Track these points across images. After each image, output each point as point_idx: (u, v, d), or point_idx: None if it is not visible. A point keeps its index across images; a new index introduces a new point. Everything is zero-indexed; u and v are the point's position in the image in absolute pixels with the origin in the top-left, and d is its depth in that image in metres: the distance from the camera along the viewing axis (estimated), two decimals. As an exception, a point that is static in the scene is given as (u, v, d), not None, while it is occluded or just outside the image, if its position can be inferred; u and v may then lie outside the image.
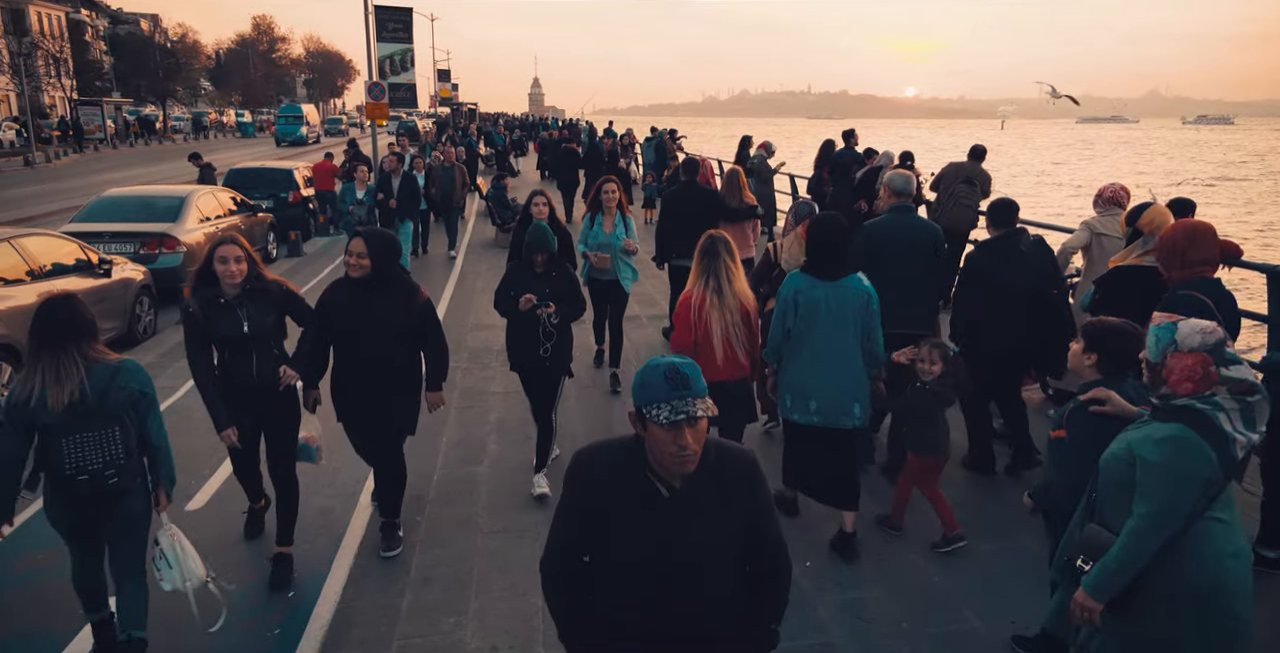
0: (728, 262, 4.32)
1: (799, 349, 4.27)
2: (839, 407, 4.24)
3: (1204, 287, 3.64)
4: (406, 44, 22.65)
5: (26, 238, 7.61)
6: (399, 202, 11.24)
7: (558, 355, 5.16)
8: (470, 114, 46.48)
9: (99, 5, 77.12)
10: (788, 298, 4.27)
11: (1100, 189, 5.85)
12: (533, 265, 5.11)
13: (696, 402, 1.94)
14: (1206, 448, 2.36)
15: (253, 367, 4.10)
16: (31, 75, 43.61)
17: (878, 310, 4.26)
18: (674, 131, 21.13)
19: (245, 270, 4.01)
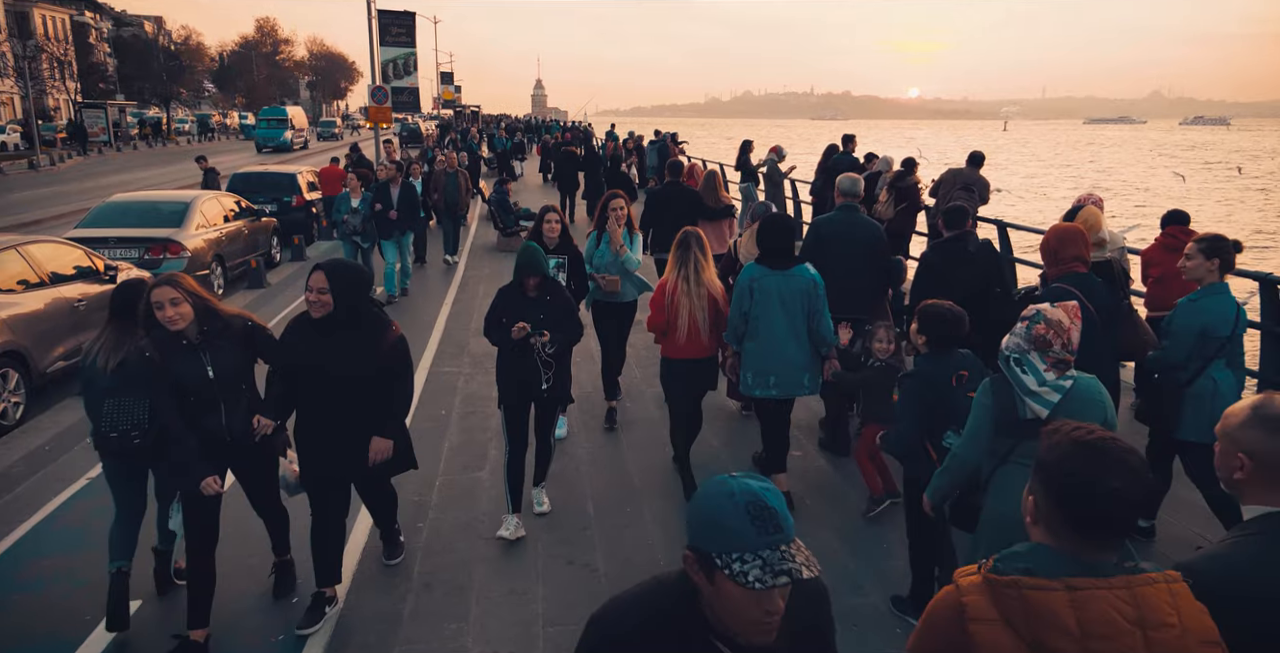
0: (698, 255, 4.94)
1: (756, 332, 4.77)
2: (793, 378, 4.82)
3: (1074, 280, 4.12)
4: (409, 48, 22.73)
5: (33, 245, 7.68)
6: (399, 212, 10.84)
7: (558, 386, 4.75)
8: (473, 117, 46.50)
9: (103, 8, 77.38)
10: (744, 286, 4.76)
11: (1083, 199, 5.86)
12: (524, 289, 4.64)
13: (794, 551, 1.40)
14: (1003, 393, 2.91)
15: (221, 416, 3.70)
16: (36, 78, 43.73)
17: (824, 295, 4.78)
18: (675, 135, 21.24)
19: (188, 313, 3.54)
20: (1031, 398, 2.82)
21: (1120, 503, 1.49)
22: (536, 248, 4.67)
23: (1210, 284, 4.14)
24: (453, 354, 8.40)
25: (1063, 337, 2.82)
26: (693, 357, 5.02)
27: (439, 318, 9.88)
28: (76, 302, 7.71)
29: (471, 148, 23.21)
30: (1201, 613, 1.49)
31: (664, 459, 5.76)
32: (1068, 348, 2.83)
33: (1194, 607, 1.49)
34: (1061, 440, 1.58)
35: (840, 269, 5.34)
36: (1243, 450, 1.77)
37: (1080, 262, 4.21)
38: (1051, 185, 45.15)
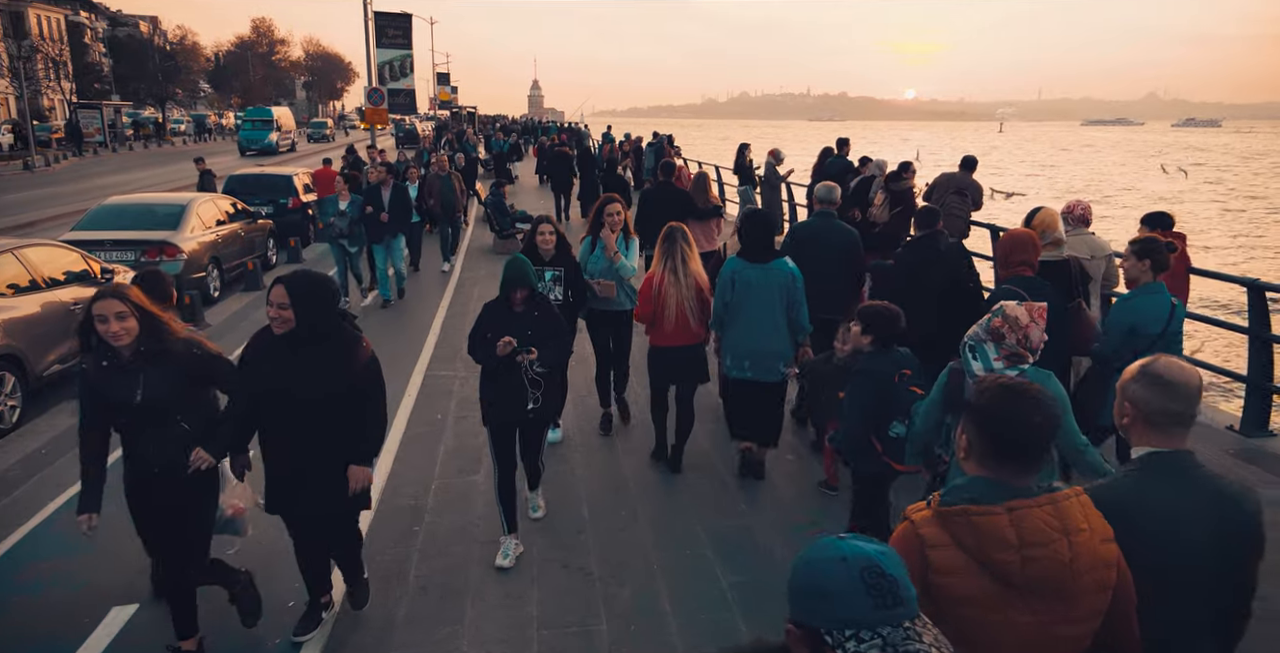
0: (684, 247, 5.32)
1: (736, 319, 5.12)
2: (767, 364, 5.14)
3: (1019, 282, 4.42)
4: (406, 50, 22.75)
5: (29, 248, 7.70)
6: (390, 215, 10.58)
7: (546, 406, 4.53)
8: (470, 117, 46.47)
9: (98, 7, 77.20)
10: (726, 278, 5.11)
11: (1070, 206, 5.88)
12: (511, 303, 4.44)
13: (920, 628, 1.22)
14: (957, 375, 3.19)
15: (148, 444, 3.43)
16: (31, 79, 43.64)
17: (802, 288, 5.11)
18: (670, 138, 21.31)
19: (133, 329, 3.29)
20: (972, 379, 3.06)
21: (1039, 434, 1.84)
22: (524, 260, 4.48)
23: (1144, 284, 4.37)
24: (448, 358, 8.43)
25: (1018, 333, 3.04)
26: (682, 344, 5.38)
27: (434, 321, 9.91)
28: (72, 305, 7.72)
29: (468, 150, 23.21)
30: (1100, 518, 1.86)
31: (659, 463, 5.80)
32: (1024, 344, 3.04)
33: (1096, 514, 1.86)
34: (990, 386, 1.91)
35: (816, 272, 5.57)
36: (1128, 400, 2.13)
37: (1027, 265, 4.50)
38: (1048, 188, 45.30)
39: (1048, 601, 1.78)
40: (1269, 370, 6.06)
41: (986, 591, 1.78)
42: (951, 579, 1.79)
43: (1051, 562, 1.76)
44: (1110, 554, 1.84)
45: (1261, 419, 6.07)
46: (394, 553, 4.67)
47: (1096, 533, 1.83)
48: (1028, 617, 1.78)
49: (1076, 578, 1.78)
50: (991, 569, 1.76)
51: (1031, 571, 1.76)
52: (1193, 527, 1.99)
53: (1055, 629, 1.79)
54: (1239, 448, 5.92)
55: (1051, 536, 1.76)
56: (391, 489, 5.47)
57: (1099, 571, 1.81)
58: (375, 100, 20.75)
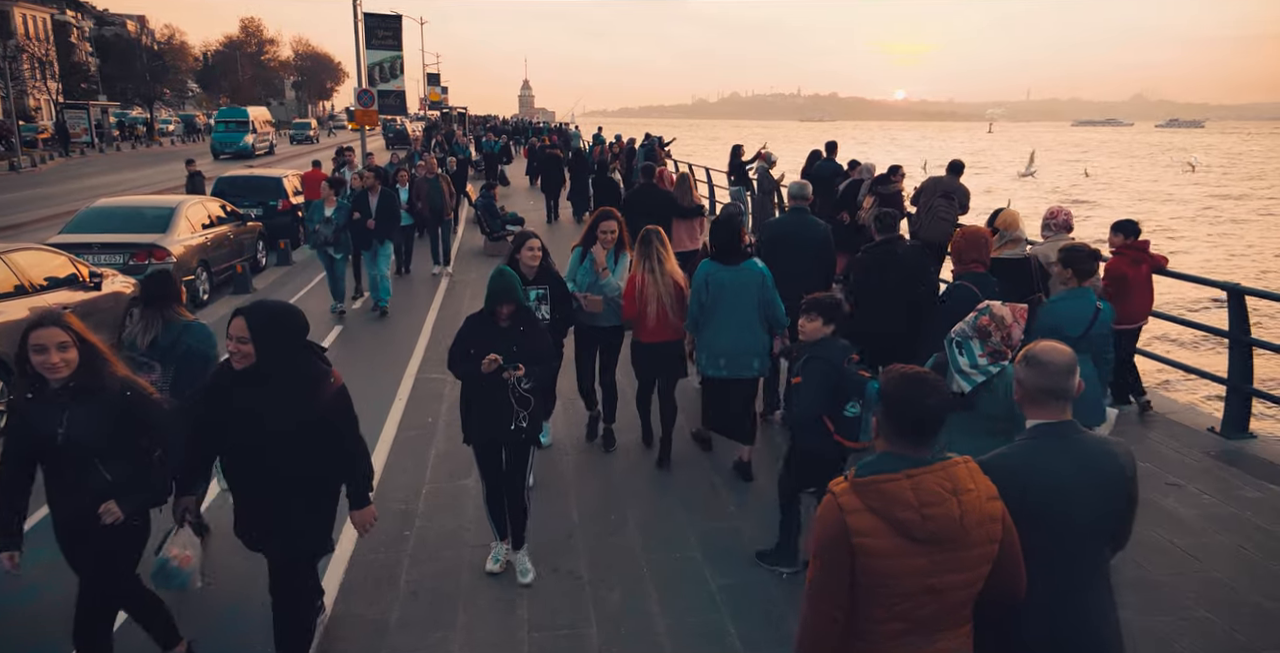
0: (659, 249, 5.58)
1: (710, 319, 5.31)
2: (742, 362, 5.33)
3: (973, 278, 4.74)
4: (396, 51, 22.73)
5: (17, 253, 7.68)
6: (377, 221, 10.35)
7: (534, 425, 4.34)
8: (460, 118, 46.32)
9: (84, 6, 76.75)
10: (700, 281, 5.33)
11: (1053, 212, 6.02)
12: (495, 317, 4.25)
13: None
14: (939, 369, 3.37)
15: (62, 491, 3.21)
16: (16, 79, 43.36)
17: (773, 286, 5.33)
18: (662, 139, 21.39)
19: (74, 361, 3.05)
20: (960, 376, 3.37)
21: (934, 414, 2.19)
22: (510, 273, 4.29)
23: (1070, 289, 4.65)
24: (439, 361, 8.40)
25: (1002, 331, 3.34)
26: (664, 340, 5.65)
27: (425, 324, 9.92)
28: (61, 309, 7.71)
29: (458, 152, 23.19)
30: (986, 480, 2.21)
31: (648, 467, 5.86)
32: (1007, 342, 3.33)
33: (983, 477, 2.22)
34: (895, 376, 2.26)
35: (790, 266, 5.95)
36: (1016, 381, 2.50)
37: (979, 262, 4.80)
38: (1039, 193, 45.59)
39: (944, 551, 2.13)
40: (1248, 373, 6.15)
41: (894, 545, 2.12)
42: (867, 538, 2.12)
43: (945, 518, 2.12)
44: (996, 511, 2.19)
45: (1241, 421, 6.16)
46: (385, 558, 4.71)
47: (982, 493, 2.18)
48: (930, 561, 2.13)
49: (967, 531, 2.13)
50: (897, 527, 2.11)
51: (929, 526, 2.11)
52: (1075, 485, 2.34)
53: (950, 575, 2.15)
54: (1219, 450, 6.01)
55: (944, 496, 2.12)
56: (382, 493, 5.48)
57: (986, 525, 2.17)
58: (365, 102, 20.76)
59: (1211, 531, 4.83)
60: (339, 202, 10.20)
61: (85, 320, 8.05)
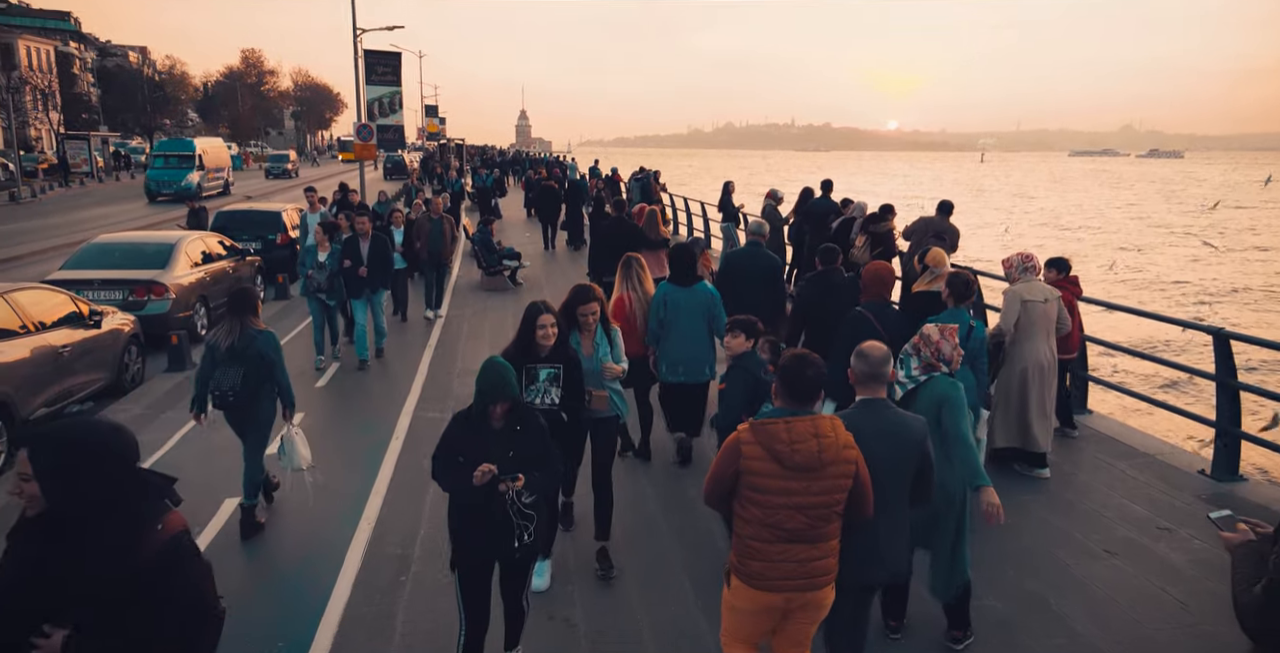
0: (639, 271, 6.47)
1: (669, 333, 6.22)
2: (696, 368, 6.27)
3: (870, 306, 5.66)
4: (395, 86, 23.03)
5: (19, 292, 7.75)
6: (370, 268, 9.85)
7: (536, 541, 3.77)
8: (457, 150, 46.62)
9: (87, 38, 77.61)
10: (659, 300, 6.23)
11: (1024, 256, 6.33)
12: (488, 418, 3.64)
13: None
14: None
15: None
16: (19, 110, 43.69)
17: (720, 304, 6.26)
18: (657, 174, 21.61)
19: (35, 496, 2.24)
20: (896, 385, 3.99)
21: (811, 381, 3.11)
22: (504, 365, 3.68)
23: (949, 309, 5.52)
24: (436, 397, 8.49)
25: (930, 348, 3.96)
26: (638, 353, 6.27)
27: (422, 359, 9.96)
28: (61, 348, 7.77)
29: (453, 187, 23.38)
30: (846, 432, 3.09)
31: (646, 517, 5.83)
32: (938, 357, 3.95)
33: (844, 429, 3.10)
34: (788, 355, 3.25)
35: (745, 292, 6.96)
36: (850, 369, 3.45)
37: (881, 294, 5.75)
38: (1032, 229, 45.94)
39: (805, 478, 3.01)
40: (1237, 417, 6.22)
41: (772, 469, 3.02)
42: (753, 463, 3.04)
43: (807, 453, 3.00)
44: (851, 455, 3.07)
45: (1231, 464, 6.21)
46: (379, 605, 4.71)
47: (840, 439, 3.06)
48: (795, 485, 3.01)
49: (824, 465, 3.01)
50: (774, 456, 3.01)
51: (796, 457, 2.99)
52: (876, 442, 3.25)
53: (810, 497, 3.03)
54: (1211, 492, 6.06)
55: (808, 437, 3.01)
56: (378, 537, 5.52)
57: (840, 464, 3.04)
58: (364, 136, 21.00)
59: (1202, 578, 4.87)
60: (332, 246, 9.85)
61: (84, 358, 8.16)
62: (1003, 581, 4.83)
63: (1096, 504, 5.92)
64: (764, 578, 3.09)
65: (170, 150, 36.21)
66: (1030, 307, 6.05)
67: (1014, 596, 4.72)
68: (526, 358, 4.52)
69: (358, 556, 5.27)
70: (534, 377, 4.55)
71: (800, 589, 3.11)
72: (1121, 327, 14.63)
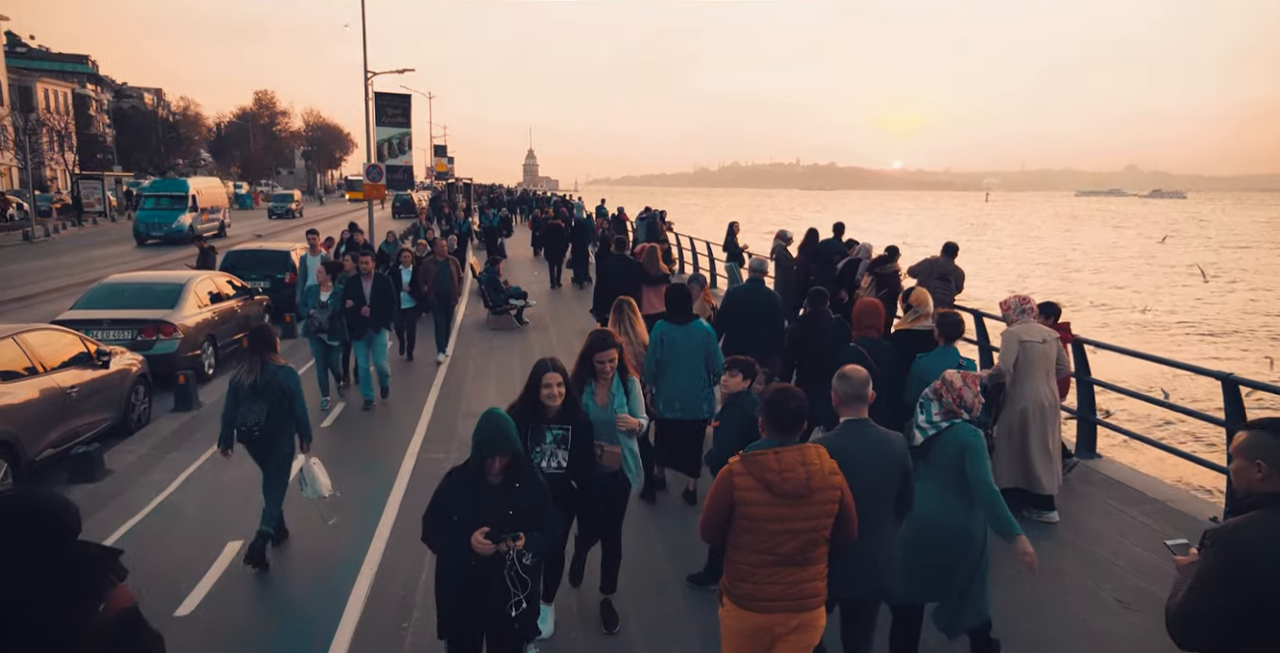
0: (630, 314, 6.62)
1: (666, 371, 6.28)
2: (693, 405, 6.33)
3: (864, 342, 5.99)
4: (405, 128, 23.42)
5: (30, 333, 7.81)
6: (372, 309, 9.65)
7: (531, 611, 3.51)
8: (465, 189, 47.13)
9: (104, 80, 79.22)
10: (655, 339, 6.35)
11: (1021, 299, 6.41)
12: (485, 473, 3.40)
13: None
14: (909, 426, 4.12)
15: None
16: (35, 151, 44.43)
17: (715, 341, 6.45)
18: (663, 213, 21.79)
19: None
20: (917, 429, 4.02)
21: (796, 413, 3.30)
22: (502, 416, 3.48)
23: (940, 348, 5.84)
24: (441, 438, 8.46)
25: (952, 394, 3.96)
26: None
27: (427, 400, 9.95)
28: (69, 389, 7.80)
29: (459, 228, 23.61)
30: (831, 460, 3.26)
31: (650, 567, 5.72)
32: (959, 403, 3.95)
33: (829, 458, 3.27)
34: (771, 389, 3.40)
35: (747, 328, 7.30)
36: (833, 391, 3.66)
37: (873, 328, 6.02)
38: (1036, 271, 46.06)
39: (795, 504, 3.16)
40: (1248, 462, 6.14)
41: (764, 498, 3.16)
42: (745, 493, 3.18)
43: (796, 480, 3.15)
44: (836, 481, 3.24)
45: (1243, 510, 6.13)
46: (382, 651, 4.65)
47: (826, 467, 3.24)
48: (787, 511, 3.17)
49: (812, 491, 3.17)
50: (765, 485, 3.16)
51: (786, 485, 3.15)
52: (863, 459, 3.49)
53: (801, 522, 3.19)
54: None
55: (795, 465, 3.18)
56: (381, 582, 5.47)
57: (827, 490, 3.21)
58: (374, 177, 21.31)
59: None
60: (335, 286, 9.76)
61: (92, 398, 8.18)
62: (1016, 632, 4.74)
63: (1108, 552, 5.84)
64: (754, 599, 3.23)
65: (161, 191, 33.66)
66: (1028, 347, 6.10)
67: (1031, 648, 4.64)
68: (533, 417, 4.23)
69: (360, 599, 5.22)
70: (540, 438, 4.26)
71: (789, 611, 3.23)
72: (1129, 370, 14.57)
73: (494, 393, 10.17)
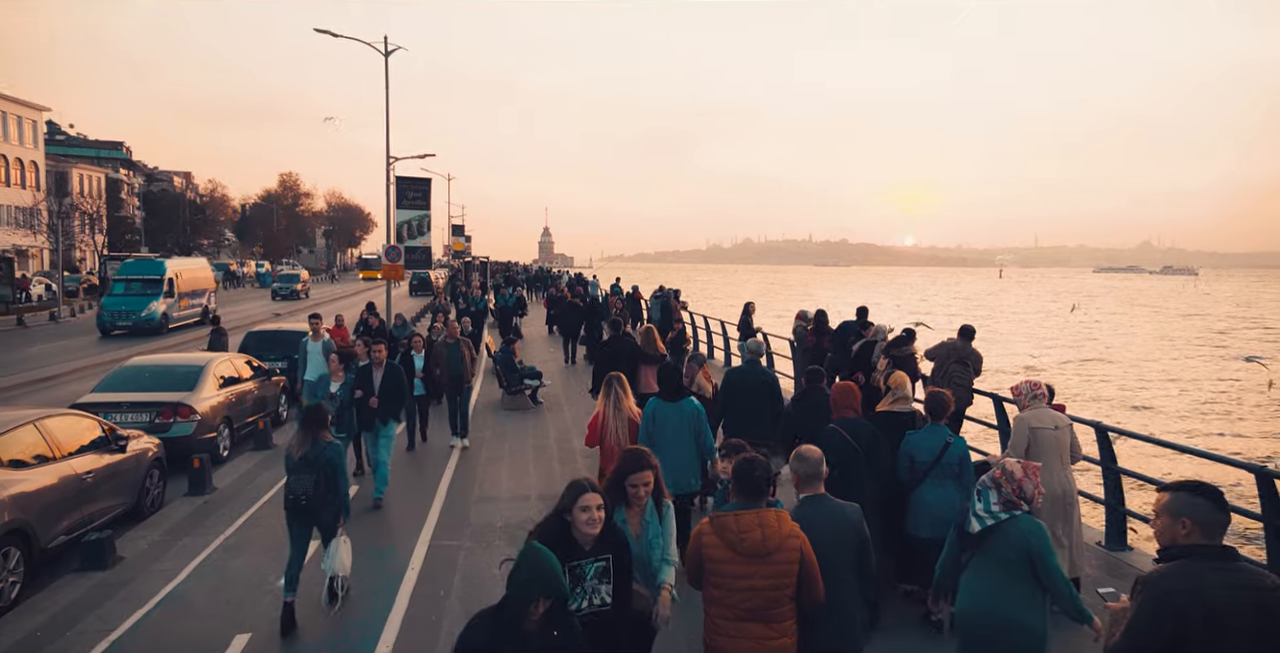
0: (619, 391, 6.79)
1: (656, 446, 6.21)
2: (683, 480, 6.53)
3: (843, 422, 6.00)
4: (424, 210, 23.97)
5: (50, 419, 7.85)
6: (381, 399, 9.31)
7: None
8: (481, 267, 47.81)
9: (137, 165, 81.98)
10: (648, 414, 6.58)
11: (1033, 384, 6.40)
12: (523, 617, 2.97)
13: None
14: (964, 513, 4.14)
15: None
16: (67, 234, 45.68)
17: (705, 419, 6.66)
18: (677, 292, 21.95)
19: None
20: (974, 517, 4.00)
21: (760, 480, 3.69)
22: (545, 553, 3.05)
23: (928, 426, 6.10)
24: (454, 525, 8.33)
25: (1012, 484, 3.91)
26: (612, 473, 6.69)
27: (440, 483, 9.84)
28: (85, 474, 7.80)
29: (476, 306, 23.84)
30: (790, 523, 3.63)
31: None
32: (1019, 494, 3.90)
33: (789, 521, 3.64)
34: (739, 459, 3.80)
35: (745, 405, 7.78)
36: (792, 469, 4.09)
37: (851, 409, 6.12)
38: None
39: (754, 563, 3.52)
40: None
41: (728, 556, 3.55)
42: (711, 551, 3.58)
43: (753, 540, 3.53)
44: (795, 544, 3.57)
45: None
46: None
47: (784, 529, 3.58)
48: (748, 568, 3.53)
49: (769, 552, 3.52)
50: (727, 542, 3.56)
51: (743, 545, 3.53)
52: (826, 528, 3.86)
53: (761, 580, 3.52)
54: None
55: (753, 526, 3.56)
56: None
57: (786, 550, 3.54)
58: (393, 258, 21.73)
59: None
60: (347, 376, 9.42)
61: (106, 483, 8.16)
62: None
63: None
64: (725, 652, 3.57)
65: (133, 274, 28.62)
66: (1039, 434, 6.07)
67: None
68: (567, 551, 3.53)
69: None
70: (579, 575, 3.62)
71: None
72: (1157, 459, 14.30)
73: (507, 478, 10.09)
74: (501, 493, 9.43)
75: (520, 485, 9.77)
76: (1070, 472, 6.14)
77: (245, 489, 9.72)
